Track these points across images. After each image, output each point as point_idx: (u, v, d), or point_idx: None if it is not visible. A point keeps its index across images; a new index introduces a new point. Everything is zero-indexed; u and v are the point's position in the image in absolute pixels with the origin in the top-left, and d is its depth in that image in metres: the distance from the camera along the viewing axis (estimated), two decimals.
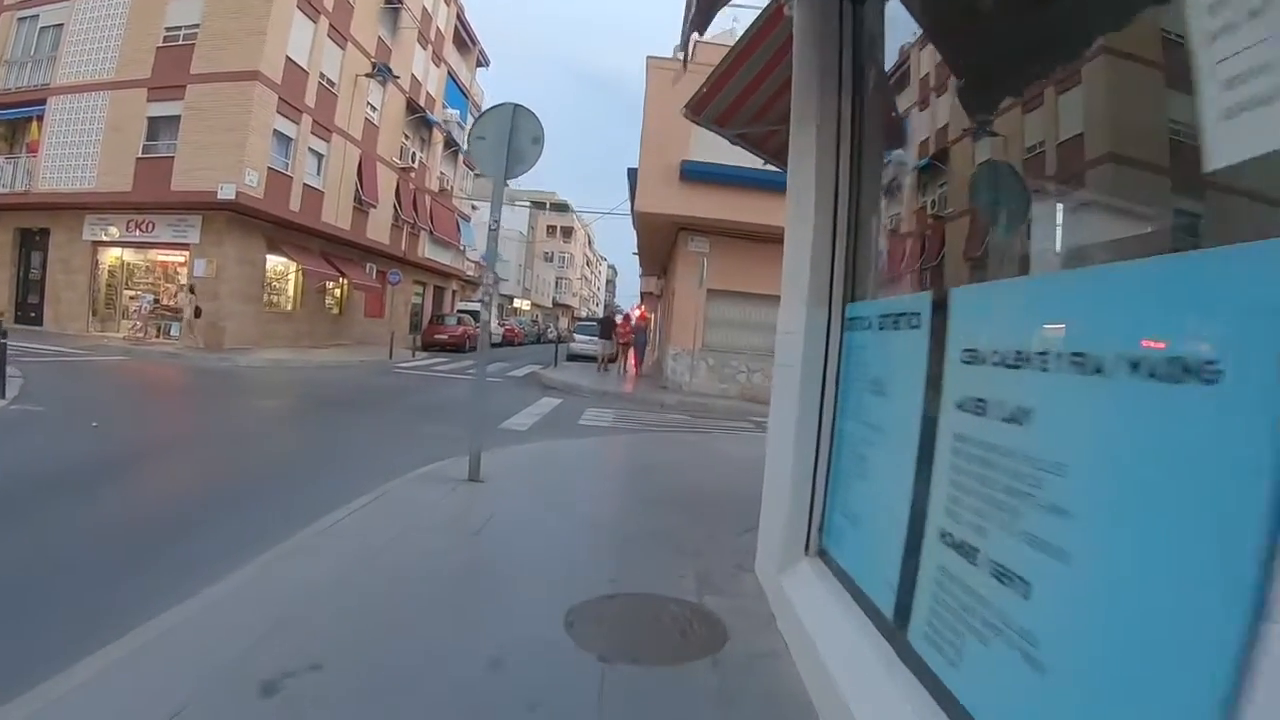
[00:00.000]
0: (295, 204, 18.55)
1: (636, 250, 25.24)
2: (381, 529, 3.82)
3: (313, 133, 19.25)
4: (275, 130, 17.63)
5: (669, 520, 4.41)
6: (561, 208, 67.54)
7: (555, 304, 67.25)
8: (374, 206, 22.53)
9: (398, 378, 14.57)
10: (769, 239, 14.80)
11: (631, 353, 21.03)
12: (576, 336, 25.13)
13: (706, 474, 6.02)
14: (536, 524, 4.15)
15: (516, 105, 4.93)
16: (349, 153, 21.14)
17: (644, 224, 15.69)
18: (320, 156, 19.90)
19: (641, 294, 37.20)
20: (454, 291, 33.65)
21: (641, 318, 24.46)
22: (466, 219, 33.25)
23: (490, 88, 34.37)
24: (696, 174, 13.82)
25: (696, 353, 14.30)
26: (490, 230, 4.80)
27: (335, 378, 13.62)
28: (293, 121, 18.38)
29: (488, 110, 5.08)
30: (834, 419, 2.91)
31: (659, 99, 14.21)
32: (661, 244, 18.18)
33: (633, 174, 15.23)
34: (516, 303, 53.99)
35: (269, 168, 17.33)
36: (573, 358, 23.17)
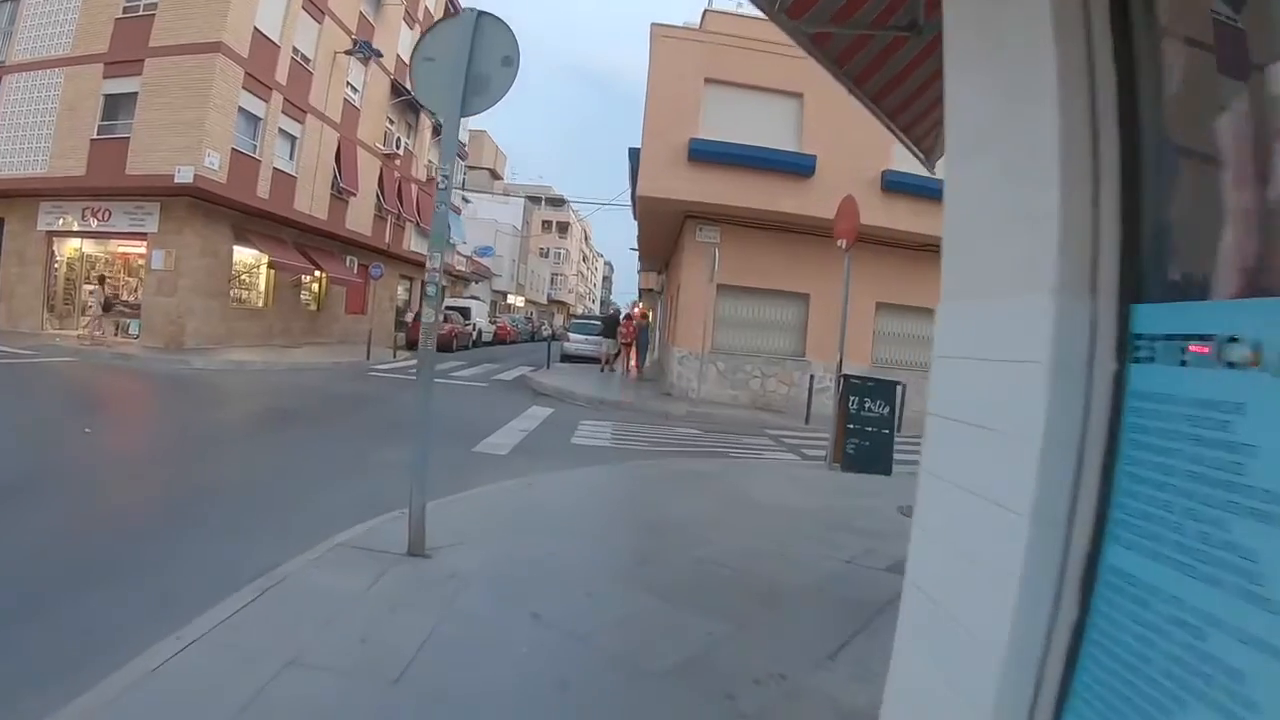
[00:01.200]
0: (264, 190, 16.93)
1: (635, 245, 23.69)
2: (241, 671, 2.30)
3: (284, 112, 17.62)
4: (241, 108, 16.01)
5: (702, 630, 2.90)
6: (557, 203, 65.85)
7: (550, 300, 65.61)
8: (354, 195, 20.89)
9: (370, 383, 13.01)
10: (786, 228, 13.34)
11: (633, 353, 19.57)
12: (571, 336, 23.35)
13: (739, 534, 4.50)
14: (497, 652, 2.61)
15: (481, 13, 3.39)
16: (326, 136, 19.51)
17: (646, 211, 14.11)
18: (293, 139, 18.28)
19: (640, 290, 35.68)
20: (444, 287, 32.00)
21: (641, 315, 22.94)
22: (457, 211, 31.63)
23: None
24: (706, 154, 12.24)
25: (705, 356, 12.76)
26: (439, 190, 3.27)
27: (299, 383, 12.07)
28: (261, 99, 16.76)
29: (440, 23, 3.53)
30: (1092, 546, 1.39)
31: (665, 70, 12.66)
32: (666, 235, 16.61)
33: (635, 155, 13.64)
34: (510, 299, 52.34)
35: (233, 149, 15.72)
36: (567, 358, 21.54)
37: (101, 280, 15.32)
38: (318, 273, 20.20)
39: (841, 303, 7.78)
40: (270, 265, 18.05)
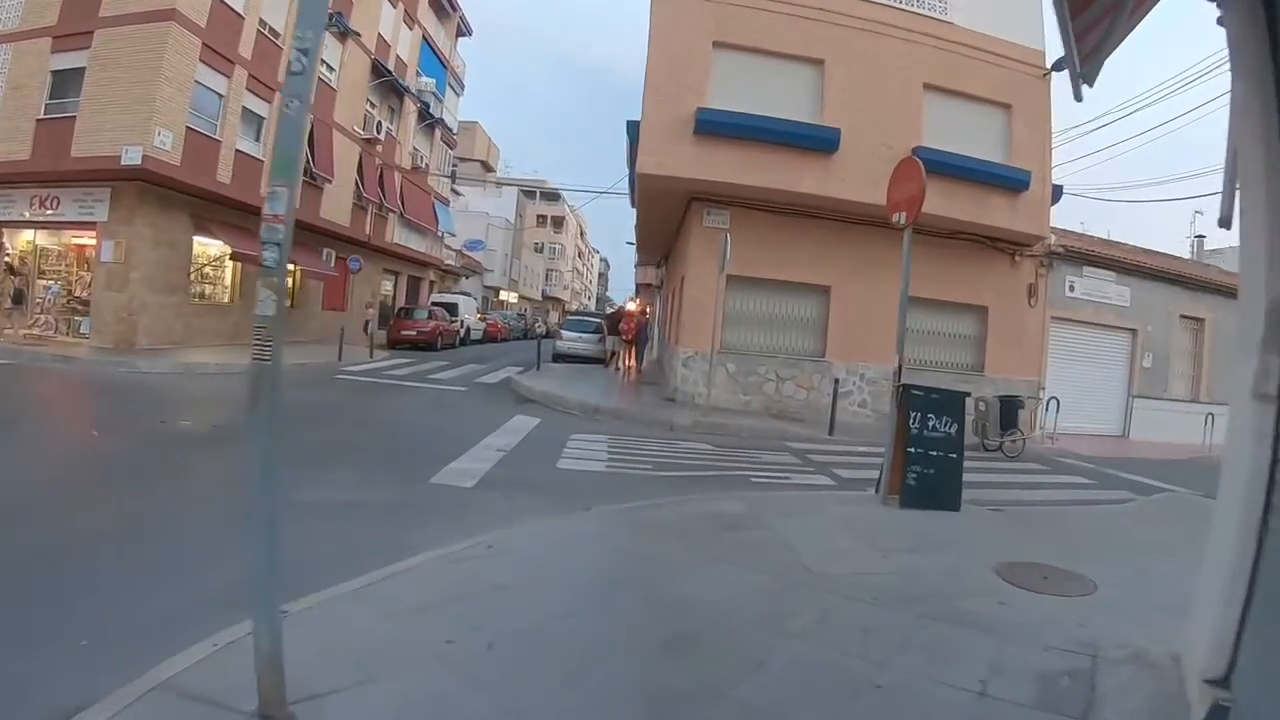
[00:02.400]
0: (225, 174, 15.37)
1: (634, 238, 22.18)
2: None
3: (249, 90, 16.07)
4: (198, 82, 14.44)
5: None
6: (552, 196, 64.10)
7: (545, 297, 63.95)
8: (329, 182, 19.32)
9: (333, 389, 11.51)
10: (805, 211, 11.78)
11: (633, 351, 18.15)
12: (564, 333, 21.72)
13: (803, 640, 3.02)
14: None
15: None
16: None
17: (647, 192, 12.58)
18: (260, 119, 16.71)
19: (637, 286, 34.16)
20: (431, 282, 30.49)
21: (642, 311, 21.47)
22: (445, 202, 30.04)
23: (473, 61, 31.46)
24: (715, 126, 10.72)
25: (714, 356, 11.27)
26: (292, 74, 1.83)
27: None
28: (222, 75, 15.20)
29: None
30: None
31: (668, 31, 11.17)
32: (668, 220, 15.08)
33: (634, 129, 12.14)
34: (503, 294, 50.72)
35: (189, 128, 14.17)
36: (560, 358, 20.01)
37: (10, 270, 13.73)
38: (290, 266, 18.62)
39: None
40: (234, 257, 16.48)
